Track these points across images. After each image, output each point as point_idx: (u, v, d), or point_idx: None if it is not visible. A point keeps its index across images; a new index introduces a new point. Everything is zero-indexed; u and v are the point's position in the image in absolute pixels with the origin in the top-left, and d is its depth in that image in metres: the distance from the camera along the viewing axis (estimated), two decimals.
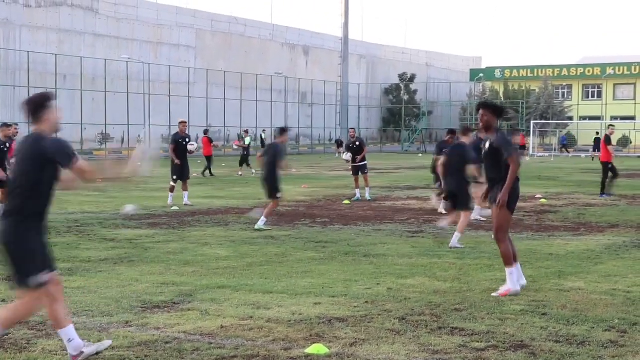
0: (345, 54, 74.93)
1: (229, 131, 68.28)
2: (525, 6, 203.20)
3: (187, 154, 19.79)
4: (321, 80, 77.36)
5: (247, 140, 37.25)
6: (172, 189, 19.44)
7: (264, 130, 66.06)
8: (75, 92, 54.77)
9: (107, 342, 6.29)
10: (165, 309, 8.01)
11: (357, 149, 21.54)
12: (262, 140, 64.37)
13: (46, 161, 5.80)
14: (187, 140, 19.86)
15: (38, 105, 6.02)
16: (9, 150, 15.95)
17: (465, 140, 13.77)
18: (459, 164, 13.05)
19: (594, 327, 7.30)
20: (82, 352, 6.04)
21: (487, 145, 8.88)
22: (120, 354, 6.35)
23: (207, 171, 32.71)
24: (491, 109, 8.99)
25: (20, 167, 5.92)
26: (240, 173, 33.64)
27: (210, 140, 33.96)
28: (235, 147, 35.60)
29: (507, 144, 8.74)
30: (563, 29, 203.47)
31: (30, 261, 5.82)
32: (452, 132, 16.71)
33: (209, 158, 33.08)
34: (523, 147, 53.46)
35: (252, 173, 33.38)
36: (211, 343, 6.70)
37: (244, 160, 34.59)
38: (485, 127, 8.95)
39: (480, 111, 9.03)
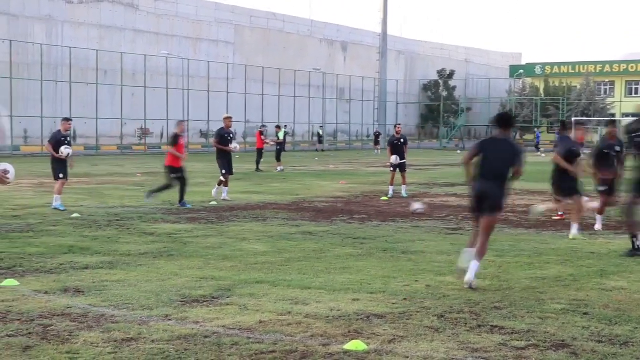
0: (383, 49, 74.75)
1: (267, 127, 68.56)
2: (567, 1, 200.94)
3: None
4: (359, 76, 77.29)
5: (281, 135, 37.40)
6: (225, 183, 19.53)
7: (321, 126, 66.55)
8: (115, 87, 55.35)
9: None
10: (205, 303, 8.05)
11: (401, 146, 21.44)
12: (320, 136, 64.76)
13: None
14: (232, 135, 19.97)
15: None
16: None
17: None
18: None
19: (637, 327, 7.18)
20: None
21: None
22: (160, 347, 6.39)
23: (257, 164, 33.36)
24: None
25: None
26: (278, 168, 33.76)
27: (262, 134, 34.79)
28: (272, 144, 36.11)
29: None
30: (606, 25, 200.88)
31: None
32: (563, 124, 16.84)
33: (260, 151, 33.72)
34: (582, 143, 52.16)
35: (281, 170, 33.40)
36: (250, 338, 6.71)
37: (279, 155, 34.90)
38: None
39: None
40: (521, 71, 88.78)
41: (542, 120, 79.67)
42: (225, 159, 19.68)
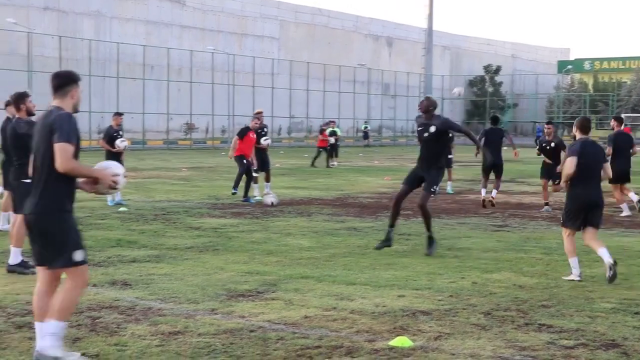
0: (429, 45, 74.17)
1: (312, 122, 68.57)
2: None
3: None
4: (404, 72, 76.99)
5: (338, 132, 37.06)
6: (255, 180, 19.38)
7: (366, 122, 66.52)
8: (161, 82, 55.86)
9: (76, 355, 5.87)
10: (250, 297, 8.08)
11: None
12: (366, 132, 64.71)
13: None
14: (265, 130, 19.74)
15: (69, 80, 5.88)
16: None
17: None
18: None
19: None
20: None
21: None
22: (206, 341, 6.42)
23: (313, 160, 33.31)
24: None
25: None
26: (333, 163, 33.62)
27: (321, 131, 34.59)
28: (333, 141, 35.18)
29: None
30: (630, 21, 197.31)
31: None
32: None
33: (324, 149, 33.65)
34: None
35: (334, 165, 33.41)
36: (295, 333, 6.71)
37: (334, 151, 34.60)
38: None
39: None
40: (569, 67, 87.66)
41: (591, 116, 78.52)
42: (258, 156, 19.49)
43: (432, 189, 11.18)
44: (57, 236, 5.61)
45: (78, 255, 5.67)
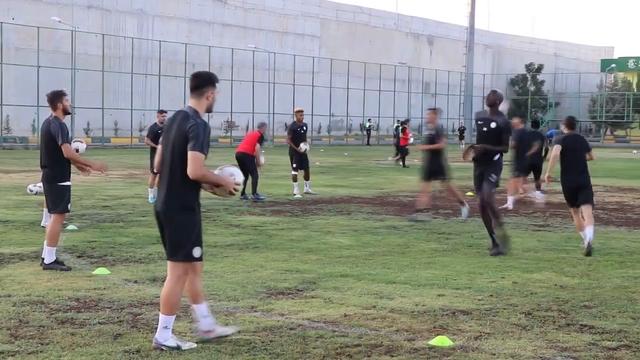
0: (470, 43, 73.76)
1: (352, 120, 68.64)
2: None
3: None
4: (445, 70, 76.57)
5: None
6: (294, 179, 19.40)
7: (399, 120, 66.26)
8: None
9: (232, 329, 6.50)
10: (290, 295, 8.10)
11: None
12: (399, 130, 64.31)
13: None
14: (305, 129, 19.72)
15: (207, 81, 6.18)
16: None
17: None
18: None
19: None
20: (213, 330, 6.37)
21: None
22: (246, 338, 6.45)
23: (401, 161, 33.13)
24: None
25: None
26: (399, 162, 33.39)
27: (403, 130, 34.54)
28: (412, 140, 34.61)
29: None
30: None
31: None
32: None
33: (402, 149, 33.53)
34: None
35: (400, 165, 32.96)
36: (335, 331, 6.71)
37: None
38: None
39: None
40: (613, 65, 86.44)
41: (635, 115, 77.43)
42: (297, 154, 19.49)
43: (490, 177, 10.95)
44: (182, 232, 6.02)
45: (197, 252, 6.10)
